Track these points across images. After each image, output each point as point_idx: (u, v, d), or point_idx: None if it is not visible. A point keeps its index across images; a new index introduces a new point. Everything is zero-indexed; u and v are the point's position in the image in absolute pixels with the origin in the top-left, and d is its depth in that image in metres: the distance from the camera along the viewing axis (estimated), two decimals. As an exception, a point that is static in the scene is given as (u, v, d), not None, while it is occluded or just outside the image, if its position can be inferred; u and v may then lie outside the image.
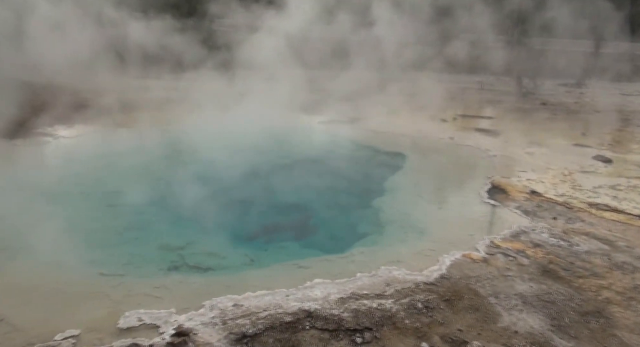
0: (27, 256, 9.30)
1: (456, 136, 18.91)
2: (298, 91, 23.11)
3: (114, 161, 15.34)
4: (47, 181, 13.27)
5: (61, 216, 11.23)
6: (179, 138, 18.07)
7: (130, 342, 6.75)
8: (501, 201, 12.53)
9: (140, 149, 16.91)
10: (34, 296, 7.99)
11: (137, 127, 19.19)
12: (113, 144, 17.21)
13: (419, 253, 9.67)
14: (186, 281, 8.63)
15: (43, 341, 6.84)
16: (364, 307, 7.65)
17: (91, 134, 18.02)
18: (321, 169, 15.65)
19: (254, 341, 6.90)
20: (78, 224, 10.97)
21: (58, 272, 8.80)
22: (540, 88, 29.44)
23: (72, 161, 15.13)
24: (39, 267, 8.94)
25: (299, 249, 10.28)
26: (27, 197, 12.14)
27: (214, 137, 18.32)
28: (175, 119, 20.23)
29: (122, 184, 13.38)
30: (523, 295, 8.24)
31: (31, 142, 16.29)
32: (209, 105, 20.86)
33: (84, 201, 12.30)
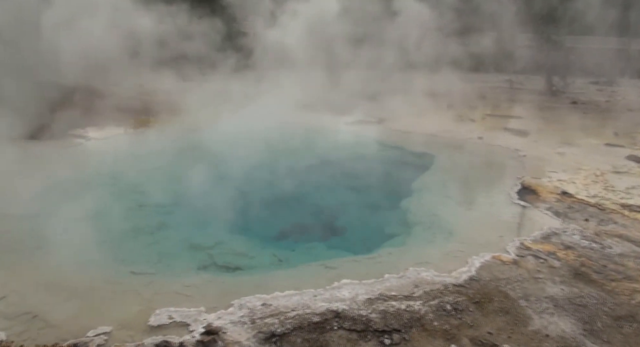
0: (60, 254, 9.53)
1: (485, 136, 18.66)
2: (324, 91, 23.19)
3: (144, 162, 15.62)
4: (78, 182, 13.59)
5: (93, 216, 11.52)
6: (206, 139, 18.27)
7: (160, 339, 6.87)
8: (531, 202, 12.31)
9: (169, 150, 17.17)
10: (67, 293, 8.19)
11: (166, 129, 19.49)
12: (142, 146, 17.52)
13: (447, 254, 9.59)
14: (215, 280, 8.75)
15: (75, 337, 6.99)
16: (392, 309, 7.63)
17: (121, 135, 18.38)
18: (348, 169, 15.64)
19: (282, 341, 6.96)
20: (109, 224, 11.22)
21: (90, 270, 9.02)
22: (570, 86, 28.78)
23: (103, 162, 15.44)
24: (72, 265, 9.16)
25: (326, 250, 10.30)
26: (59, 197, 12.46)
27: (242, 138, 18.49)
28: (202, 120, 20.47)
29: (151, 184, 13.62)
30: (554, 298, 8.10)
31: (62, 144, 16.71)
32: (235, 106, 21.10)
33: (115, 202, 12.55)
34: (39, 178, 13.49)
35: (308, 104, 22.38)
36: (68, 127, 17.77)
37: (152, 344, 6.76)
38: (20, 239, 10.12)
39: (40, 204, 11.94)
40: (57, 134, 17.04)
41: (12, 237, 10.15)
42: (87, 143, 17.17)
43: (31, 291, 8.23)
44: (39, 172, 13.87)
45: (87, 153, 16.38)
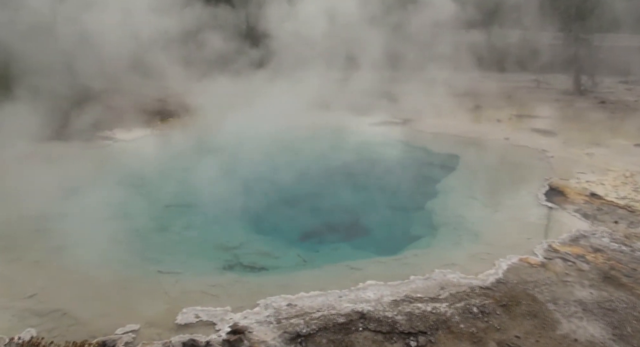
0: (88, 253, 9.72)
1: (512, 136, 18.38)
2: (348, 92, 23.15)
3: (170, 163, 15.83)
4: (106, 183, 13.83)
5: (120, 216, 11.74)
6: (232, 140, 18.39)
7: (187, 338, 6.96)
8: (559, 203, 12.09)
9: (195, 151, 17.34)
10: (95, 291, 8.38)
11: (192, 129, 19.68)
12: (169, 146, 17.74)
13: (474, 256, 9.49)
14: (241, 279, 8.84)
15: (104, 334, 7.13)
16: (418, 311, 7.59)
17: (148, 136, 18.63)
18: (373, 170, 15.57)
19: (307, 341, 6.99)
20: (136, 224, 11.42)
21: (118, 269, 9.20)
22: (599, 86, 28.15)
23: (130, 163, 15.69)
24: (100, 264, 9.34)
25: (351, 250, 10.31)
26: (87, 197, 12.71)
27: (264, 139, 18.59)
28: (228, 120, 20.58)
29: (177, 185, 13.82)
30: (583, 302, 7.96)
31: (90, 145, 17.05)
32: (257, 106, 21.21)
33: (142, 201, 12.75)
34: (67, 178, 13.78)
35: (329, 104, 22.38)
36: (95, 128, 18.13)
37: (179, 342, 6.86)
38: (50, 238, 10.37)
39: (69, 203, 12.20)
40: (85, 135, 17.37)
41: (42, 237, 10.42)
42: (115, 144, 17.47)
43: (61, 288, 8.44)
44: (68, 173, 14.15)
45: (114, 154, 16.67)
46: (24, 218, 11.30)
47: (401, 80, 24.60)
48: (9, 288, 8.41)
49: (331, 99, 22.66)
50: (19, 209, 11.75)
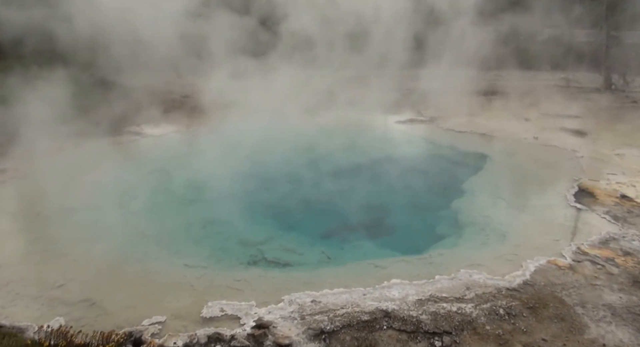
0: (116, 245, 9.92)
1: (540, 136, 18.06)
2: (375, 90, 23.06)
3: (196, 159, 15.98)
4: (133, 178, 14.09)
5: (147, 210, 11.95)
6: (259, 137, 18.52)
7: (213, 331, 7.03)
8: (589, 205, 11.84)
9: (221, 147, 17.51)
10: (123, 283, 8.54)
11: (219, 126, 19.82)
12: (195, 143, 17.95)
13: (500, 257, 9.37)
14: (265, 275, 8.88)
15: (131, 325, 7.27)
16: (443, 311, 7.53)
17: (175, 132, 18.86)
18: (399, 168, 15.49)
19: (331, 338, 6.99)
20: (163, 218, 11.58)
21: (145, 262, 9.35)
22: (630, 85, 27.44)
23: (157, 158, 15.92)
24: (128, 257, 9.53)
25: (376, 249, 10.25)
26: (115, 192, 12.97)
27: (289, 136, 18.68)
28: (256, 117, 20.70)
29: (203, 180, 13.95)
30: (612, 306, 7.79)
31: (120, 141, 17.35)
32: (281, 105, 21.29)
33: (168, 197, 12.95)
34: (95, 173, 14.08)
35: (356, 101, 22.32)
36: (124, 124, 18.45)
37: (204, 335, 6.94)
38: (79, 230, 10.60)
39: (98, 197, 12.46)
40: (114, 131, 17.70)
41: (71, 229, 10.66)
42: (142, 140, 17.74)
43: (89, 279, 8.61)
44: (96, 168, 14.46)
45: (141, 149, 16.94)
46: (54, 210, 11.58)
47: (427, 78, 24.37)
48: (38, 278, 8.62)
49: (357, 97, 22.62)
50: (49, 201, 12.06)
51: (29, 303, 7.86)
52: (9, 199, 12.21)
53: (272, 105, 21.34)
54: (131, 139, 17.65)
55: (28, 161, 14.41)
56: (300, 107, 20.71)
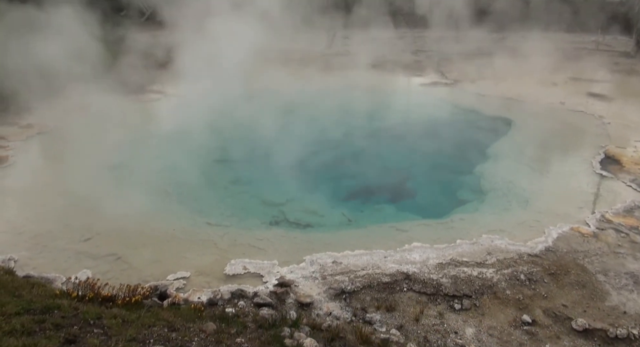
0: (141, 203, 10.00)
1: (567, 101, 17.60)
2: (399, 52, 22.58)
3: (218, 117, 15.96)
4: (156, 136, 14.19)
5: (170, 170, 12.03)
6: (283, 98, 18.37)
7: (236, 288, 7.14)
8: (614, 172, 11.63)
9: (240, 107, 17.42)
10: (148, 240, 8.68)
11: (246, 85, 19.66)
12: (217, 101, 17.85)
13: (523, 223, 9.31)
14: (287, 235, 8.97)
15: (156, 279, 7.42)
16: (464, 274, 7.55)
17: (197, 92, 18.74)
18: (421, 132, 15.33)
19: (351, 298, 7.08)
20: (187, 177, 11.63)
21: (170, 220, 9.46)
22: (663, 49, 26.40)
23: (180, 117, 15.91)
24: (153, 215, 9.64)
25: (396, 212, 10.24)
26: (140, 150, 13.13)
27: (309, 98, 18.49)
28: (279, 80, 20.46)
29: (224, 141, 14.01)
30: (635, 274, 7.72)
31: (144, 99, 17.39)
32: (307, 65, 21.00)
33: (192, 156, 12.98)
34: (120, 131, 14.17)
35: (380, 63, 21.91)
36: (149, 83, 18.43)
37: (228, 291, 7.05)
38: (104, 187, 10.74)
39: (123, 155, 12.59)
40: (138, 90, 17.70)
41: (96, 185, 10.77)
42: (165, 98, 17.73)
43: (115, 234, 8.77)
44: (121, 126, 14.54)
45: (164, 107, 16.95)
46: (79, 167, 11.72)
47: (451, 40, 23.76)
48: (66, 232, 8.80)
49: (381, 59, 22.20)
50: (75, 158, 12.19)
51: (57, 255, 8.06)
52: (35, 154, 12.37)
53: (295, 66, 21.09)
54: (153, 97, 17.68)
55: (53, 117, 14.55)
56: (320, 69, 20.45)
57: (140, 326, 4.92)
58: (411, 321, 6.62)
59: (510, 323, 6.67)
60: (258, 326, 5.83)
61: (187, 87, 17.83)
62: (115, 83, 16.81)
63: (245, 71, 18.52)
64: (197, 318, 5.70)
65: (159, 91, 18.25)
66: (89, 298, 5.81)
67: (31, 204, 9.77)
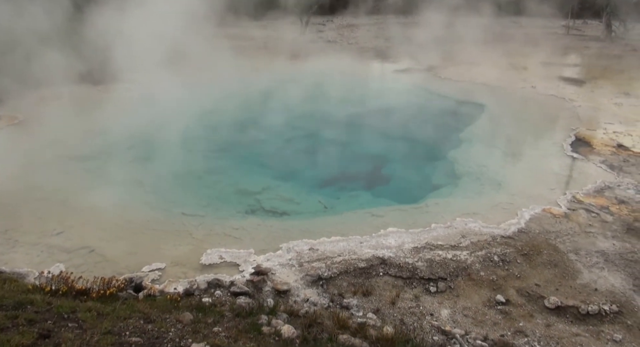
0: (114, 194, 9.86)
1: (538, 85, 17.90)
2: (373, 38, 22.55)
3: (191, 107, 15.78)
4: (127, 125, 13.96)
5: (143, 160, 11.87)
6: (254, 85, 18.26)
7: (212, 277, 7.12)
8: (585, 154, 11.92)
9: (213, 95, 17.26)
10: (122, 231, 8.57)
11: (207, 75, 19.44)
12: (187, 90, 17.64)
13: (496, 206, 9.47)
14: (263, 223, 8.95)
15: (131, 271, 7.35)
16: (439, 258, 7.66)
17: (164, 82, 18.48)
18: (395, 118, 15.43)
19: (328, 284, 7.13)
20: (160, 167, 11.52)
21: (144, 211, 9.36)
22: (631, 32, 26.96)
23: (151, 107, 15.68)
24: (126, 206, 9.50)
25: (372, 198, 10.31)
26: (112, 140, 12.87)
27: (282, 86, 18.40)
28: (257, 67, 20.30)
29: (197, 130, 13.86)
30: (605, 253, 7.94)
31: (114, 88, 17.07)
32: (280, 52, 20.84)
33: (165, 146, 12.84)
34: (92, 119, 13.90)
35: (354, 50, 21.88)
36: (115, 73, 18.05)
37: (204, 281, 7.02)
38: (76, 178, 10.57)
39: (94, 146, 12.36)
40: (106, 79, 17.35)
41: (68, 177, 10.61)
42: (135, 87, 17.43)
43: (88, 227, 8.63)
44: (93, 114, 14.26)
45: (134, 97, 16.68)
46: (51, 158, 11.48)
47: (425, 28, 23.82)
48: (37, 225, 8.63)
49: (356, 46, 22.13)
50: (46, 149, 11.93)
51: (29, 250, 7.91)
52: (4, 146, 12.08)
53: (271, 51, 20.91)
54: (123, 86, 17.35)
55: (23, 108, 14.19)
56: (290, 57, 20.34)
57: (116, 319, 4.88)
58: (387, 305, 6.70)
59: (485, 303, 6.81)
60: (235, 314, 5.83)
61: (151, 76, 17.56)
62: (81, 72, 16.49)
63: (216, 60, 18.34)
64: (173, 309, 5.68)
65: (127, 81, 17.87)
66: (63, 292, 5.74)
67: (1, 198, 9.53)
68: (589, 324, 6.50)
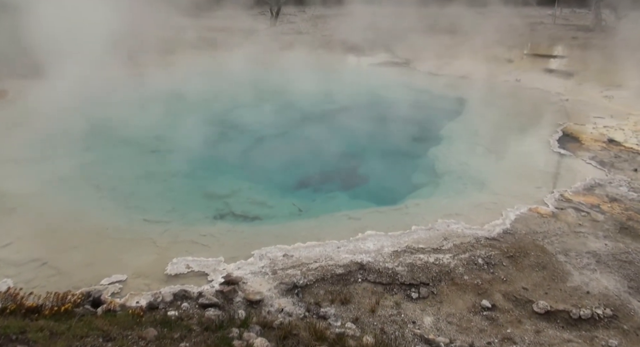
0: (69, 201, 9.76)
1: (523, 78, 18.24)
2: (347, 29, 22.66)
3: (149, 103, 15.69)
4: (86, 124, 13.81)
5: (100, 163, 11.74)
6: (222, 80, 18.22)
7: (179, 288, 7.09)
8: (573, 150, 12.20)
9: (176, 91, 17.18)
10: (79, 241, 8.45)
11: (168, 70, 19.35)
12: (147, 85, 17.55)
13: (479, 206, 9.64)
14: (233, 229, 8.96)
15: (88, 284, 7.25)
16: (420, 262, 7.77)
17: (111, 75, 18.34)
18: (373, 115, 15.57)
19: (304, 292, 7.18)
20: (120, 170, 11.42)
21: (102, 218, 9.25)
22: (622, 20, 27.61)
23: (103, 104, 15.54)
24: (82, 213, 9.38)
25: (349, 200, 10.40)
26: (64, 141, 12.71)
27: (252, 81, 18.43)
28: (212, 61, 20.25)
29: (160, 129, 13.81)
30: (597, 253, 8.11)
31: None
32: (251, 43, 20.83)
33: (125, 147, 12.76)
34: (41, 121, 13.69)
35: (327, 42, 21.97)
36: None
37: (169, 293, 6.98)
38: (25, 184, 10.37)
39: (43, 147, 12.20)
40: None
41: (15, 183, 10.39)
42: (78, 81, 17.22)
43: (39, 237, 8.51)
44: (39, 115, 14.04)
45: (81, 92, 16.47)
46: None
47: (402, 17, 24.07)
48: (-20, 237, 8.43)
49: (328, 38, 22.25)
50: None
51: (-28, 265, 7.72)
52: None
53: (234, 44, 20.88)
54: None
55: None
56: (263, 51, 20.37)
57: (71, 338, 4.83)
58: (367, 313, 6.77)
59: (470, 309, 6.92)
60: (204, 328, 5.83)
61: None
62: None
63: (180, 50, 18.23)
64: (135, 325, 5.64)
65: (72, 74, 17.64)
66: (11, 310, 5.64)
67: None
68: (581, 330, 6.63)
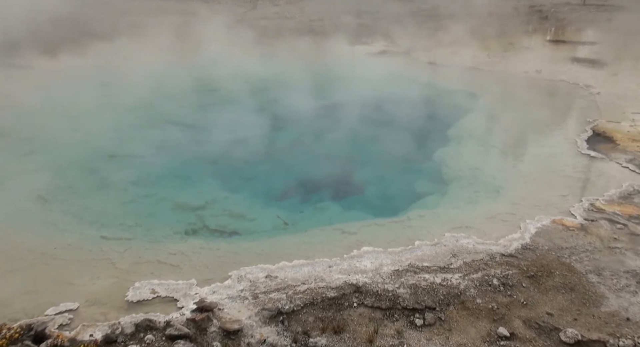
0: (7, 215, 9.75)
1: (545, 69, 18.27)
2: (340, 13, 22.75)
3: (108, 100, 15.76)
4: (30, 122, 13.82)
5: (47, 170, 11.72)
6: (194, 73, 18.31)
7: (142, 318, 7.10)
8: (606, 152, 12.27)
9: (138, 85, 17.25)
10: (18, 264, 8.42)
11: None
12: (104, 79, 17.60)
13: (493, 218, 9.70)
14: (208, 246, 8.99)
15: (30, 316, 7.18)
16: (425, 283, 7.82)
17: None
18: (370, 113, 15.65)
19: (290, 319, 7.21)
20: (70, 179, 11.43)
21: (48, 235, 9.24)
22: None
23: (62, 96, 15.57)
24: (24, 230, 9.36)
25: (342, 211, 10.47)
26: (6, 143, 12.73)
27: (230, 74, 18.53)
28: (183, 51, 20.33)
29: (120, 130, 13.85)
30: (637, 273, 8.12)
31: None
32: (229, 31, 20.90)
33: (77, 151, 12.79)
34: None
35: (317, 29, 22.07)
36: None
37: (131, 323, 6.99)
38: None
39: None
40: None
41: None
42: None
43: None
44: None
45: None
46: None
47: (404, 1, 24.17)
48: None
49: (322, 23, 22.35)
50: None
51: None
52: None
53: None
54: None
55: None
56: (246, 36, 20.47)
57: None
58: (364, 344, 6.80)
59: (484, 338, 6.93)
60: (172, 364, 5.84)
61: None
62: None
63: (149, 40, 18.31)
64: (89, 362, 5.63)
65: (24, 66, 17.70)
66: None
67: None
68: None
